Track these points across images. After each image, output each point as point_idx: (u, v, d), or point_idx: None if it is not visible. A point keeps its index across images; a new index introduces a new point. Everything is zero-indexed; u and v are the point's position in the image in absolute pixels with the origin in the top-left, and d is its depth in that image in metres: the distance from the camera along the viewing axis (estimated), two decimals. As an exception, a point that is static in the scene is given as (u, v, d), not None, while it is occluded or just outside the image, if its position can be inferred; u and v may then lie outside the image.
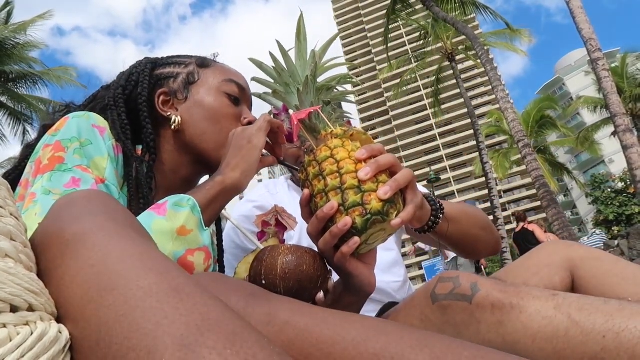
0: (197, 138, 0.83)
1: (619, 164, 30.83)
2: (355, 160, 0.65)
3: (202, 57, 0.92)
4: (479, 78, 56.84)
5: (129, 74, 0.86)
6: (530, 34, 14.63)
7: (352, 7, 73.72)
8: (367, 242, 0.66)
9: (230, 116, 0.85)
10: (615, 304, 0.51)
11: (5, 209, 0.40)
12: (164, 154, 0.84)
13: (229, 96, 0.86)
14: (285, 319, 0.44)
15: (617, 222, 16.98)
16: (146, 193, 0.75)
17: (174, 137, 0.84)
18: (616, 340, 0.47)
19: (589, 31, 8.42)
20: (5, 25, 13.13)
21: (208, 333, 0.30)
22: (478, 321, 0.56)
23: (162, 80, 0.86)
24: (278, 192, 1.21)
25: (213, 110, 0.84)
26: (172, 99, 0.85)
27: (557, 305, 0.53)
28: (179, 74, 0.87)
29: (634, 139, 7.96)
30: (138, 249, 0.38)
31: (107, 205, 0.44)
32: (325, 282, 0.74)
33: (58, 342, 0.33)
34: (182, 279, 0.36)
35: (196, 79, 0.86)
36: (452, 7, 12.97)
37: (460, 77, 15.58)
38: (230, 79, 0.88)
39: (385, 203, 0.62)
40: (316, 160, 0.67)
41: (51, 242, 0.40)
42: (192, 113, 0.83)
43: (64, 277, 0.37)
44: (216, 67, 0.90)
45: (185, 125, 0.83)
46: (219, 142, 0.82)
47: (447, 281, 0.61)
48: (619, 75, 17.25)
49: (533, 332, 0.52)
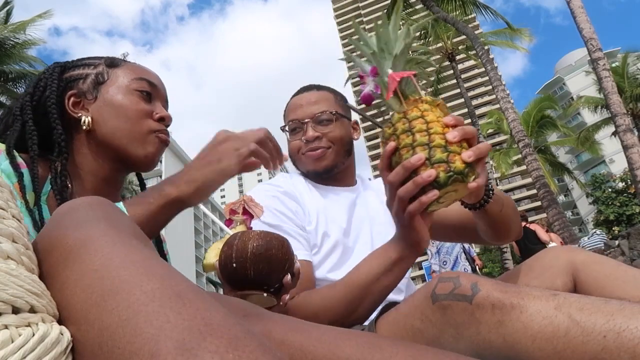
0: (110, 136, 0.83)
1: (619, 163, 30.81)
2: (443, 124, 0.73)
3: (112, 57, 0.92)
4: (479, 78, 56.80)
5: (37, 80, 0.87)
6: (530, 33, 14.63)
7: (352, 7, 73.70)
8: (439, 201, 0.74)
9: (140, 112, 0.85)
10: (616, 304, 0.51)
11: (7, 211, 0.40)
12: (80, 157, 0.84)
13: (140, 93, 0.87)
14: (280, 338, 0.44)
15: (617, 222, 16.98)
16: (60, 192, 0.76)
17: (88, 138, 0.85)
18: (617, 340, 0.47)
19: (590, 31, 8.41)
20: (5, 25, 13.13)
21: (210, 337, 0.31)
22: (478, 321, 0.56)
23: (71, 83, 0.87)
24: (294, 183, 1.20)
25: (123, 108, 0.84)
26: (82, 100, 0.86)
27: (557, 305, 0.53)
28: (88, 75, 0.88)
29: (635, 139, 7.95)
30: (140, 255, 0.38)
31: (109, 212, 0.45)
32: (292, 265, 0.80)
33: (60, 344, 0.34)
34: (185, 285, 0.36)
35: (105, 78, 0.87)
36: (452, 7, 12.95)
37: (461, 77, 15.58)
38: (140, 76, 0.88)
39: (466, 166, 0.70)
40: (406, 117, 0.75)
41: (53, 248, 0.40)
42: (102, 112, 0.84)
43: (67, 281, 0.37)
44: (126, 66, 0.90)
45: (96, 124, 0.84)
46: (131, 138, 0.84)
47: (447, 281, 0.61)
48: (620, 75, 17.23)
49: (533, 332, 0.52)
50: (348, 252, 1.13)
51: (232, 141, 0.76)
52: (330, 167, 1.18)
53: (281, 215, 1.08)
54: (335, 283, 0.92)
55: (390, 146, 0.76)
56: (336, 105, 1.21)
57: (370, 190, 1.32)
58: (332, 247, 1.11)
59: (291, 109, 1.23)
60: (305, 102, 1.20)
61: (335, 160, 1.18)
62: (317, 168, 1.18)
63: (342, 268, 1.10)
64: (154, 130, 0.86)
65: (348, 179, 1.25)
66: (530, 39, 14.70)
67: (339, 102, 1.23)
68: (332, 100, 1.22)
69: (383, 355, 0.41)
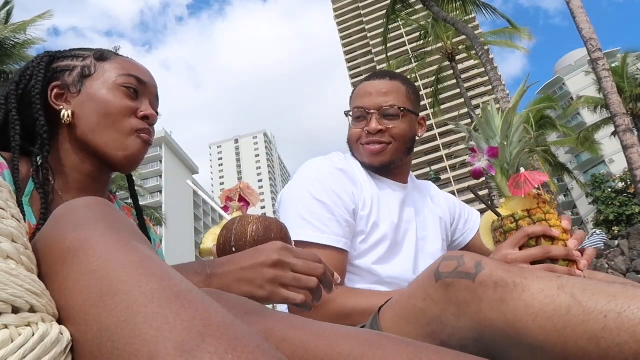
0: (89, 132, 0.80)
1: (619, 163, 30.78)
2: (562, 230, 0.80)
3: (102, 50, 0.89)
4: (479, 78, 56.79)
5: (25, 69, 0.84)
6: (530, 32, 14.63)
7: (352, 7, 73.68)
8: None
9: (123, 109, 0.82)
10: (619, 286, 0.50)
11: (6, 211, 0.40)
12: (63, 153, 0.82)
13: (126, 89, 0.83)
14: (281, 335, 0.44)
15: (617, 222, 16.98)
16: (42, 185, 0.74)
17: (69, 133, 0.82)
18: (617, 320, 0.46)
19: (589, 31, 8.41)
20: (5, 25, 13.12)
21: (209, 339, 0.30)
22: (480, 299, 0.55)
23: (58, 74, 0.84)
24: (351, 164, 1.17)
25: (104, 104, 0.81)
26: (66, 93, 0.83)
27: (560, 285, 0.52)
28: (75, 67, 0.84)
29: (634, 139, 7.95)
30: (139, 256, 0.38)
31: (107, 212, 0.44)
32: None
33: (59, 344, 0.34)
34: (184, 286, 0.36)
35: (92, 72, 0.84)
36: (452, 7, 12.95)
37: (461, 77, 15.57)
38: (128, 72, 0.85)
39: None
40: (531, 217, 0.80)
41: (52, 249, 0.40)
42: (83, 106, 0.81)
43: (66, 282, 0.37)
44: (115, 61, 0.86)
45: (77, 119, 0.81)
46: (111, 136, 0.80)
47: (451, 259, 0.60)
48: (619, 75, 17.21)
49: (534, 311, 0.51)
50: (396, 248, 1.12)
51: (282, 271, 0.64)
52: (386, 163, 1.15)
53: (334, 195, 1.05)
54: (378, 293, 0.93)
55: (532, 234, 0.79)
56: (406, 98, 1.16)
57: (418, 191, 1.30)
58: (380, 239, 1.09)
59: (359, 95, 1.18)
60: (375, 91, 1.15)
61: (394, 157, 1.15)
62: (373, 162, 1.15)
63: (389, 263, 1.09)
64: (136, 130, 0.83)
65: (402, 176, 1.22)
66: (530, 37, 14.70)
67: (410, 95, 1.18)
68: (403, 93, 1.17)
69: (384, 352, 0.41)
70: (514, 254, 0.77)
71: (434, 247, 1.20)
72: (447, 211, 1.31)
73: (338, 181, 1.08)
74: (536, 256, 0.76)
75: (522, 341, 0.51)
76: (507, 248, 0.79)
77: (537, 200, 0.81)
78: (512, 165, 0.84)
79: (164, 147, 52.01)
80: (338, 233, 1.01)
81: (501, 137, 0.84)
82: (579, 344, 0.48)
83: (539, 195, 0.81)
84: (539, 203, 0.81)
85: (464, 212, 1.35)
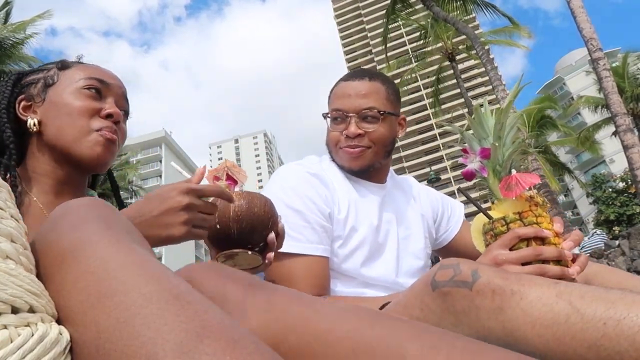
0: (55, 136, 0.84)
1: (619, 163, 30.76)
2: (554, 233, 0.79)
3: (64, 60, 0.93)
4: (479, 78, 56.79)
5: None
6: (530, 31, 14.62)
7: (352, 7, 73.69)
8: None
9: (83, 109, 0.85)
10: (618, 292, 0.50)
11: (5, 211, 0.40)
12: (34, 161, 0.86)
13: (87, 91, 0.86)
14: (282, 308, 0.44)
15: (618, 222, 17.00)
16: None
17: (38, 141, 0.86)
18: (617, 328, 0.46)
19: (590, 31, 8.40)
20: (4, 25, 13.13)
21: (207, 340, 0.31)
22: (478, 308, 0.55)
23: (25, 88, 0.89)
24: (325, 168, 1.16)
25: (67, 107, 0.85)
26: (32, 104, 0.87)
27: (558, 292, 0.52)
28: (39, 79, 0.89)
29: (635, 139, 7.95)
30: (138, 257, 0.38)
31: (104, 213, 0.44)
32: (275, 224, 0.81)
33: (59, 344, 0.33)
34: (183, 287, 0.36)
35: (55, 80, 0.88)
36: (452, 7, 12.94)
37: (461, 77, 15.56)
38: (89, 75, 0.88)
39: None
40: (522, 221, 0.79)
41: (50, 250, 0.40)
42: (48, 113, 0.85)
43: (64, 283, 0.37)
44: (77, 67, 0.91)
45: (43, 126, 0.85)
46: (76, 136, 0.83)
47: (447, 268, 0.59)
48: (620, 75, 17.21)
49: (533, 319, 0.51)
50: (378, 250, 1.10)
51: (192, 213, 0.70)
52: (366, 167, 1.13)
53: (308, 200, 1.03)
54: (365, 300, 0.92)
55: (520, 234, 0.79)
56: (386, 100, 1.12)
57: (399, 188, 1.28)
58: (360, 243, 1.07)
59: (337, 96, 1.14)
60: (353, 93, 1.11)
61: (373, 160, 1.13)
62: (352, 166, 1.13)
63: (371, 265, 1.08)
64: (98, 129, 0.85)
65: (381, 176, 1.20)
66: (530, 35, 14.68)
67: (389, 96, 1.14)
68: (382, 94, 1.12)
69: (383, 329, 0.41)
70: (505, 254, 0.76)
71: (417, 246, 1.18)
72: (430, 208, 1.29)
73: (311, 186, 1.06)
74: (527, 257, 0.75)
75: (521, 350, 0.51)
76: (498, 248, 0.78)
77: (529, 203, 0.80)
78: (505, 167, 0.84)
79: (164, 147, 52.02)
80: (313, 240, 1.00)
81: (494, 138, 0.84)
82: (579, 352, 0.48)
83: (531, 198, 0.81)
84: (530, 206, 0.80)
85: (447, 208, 1.32)
